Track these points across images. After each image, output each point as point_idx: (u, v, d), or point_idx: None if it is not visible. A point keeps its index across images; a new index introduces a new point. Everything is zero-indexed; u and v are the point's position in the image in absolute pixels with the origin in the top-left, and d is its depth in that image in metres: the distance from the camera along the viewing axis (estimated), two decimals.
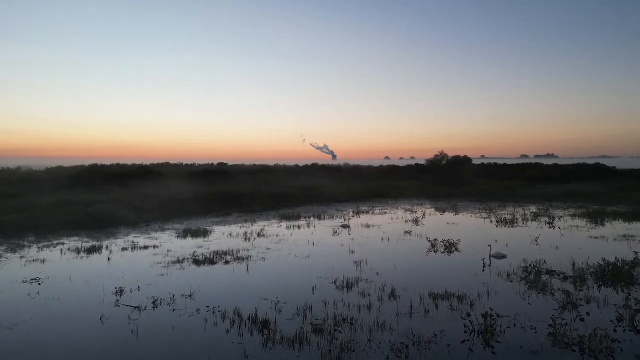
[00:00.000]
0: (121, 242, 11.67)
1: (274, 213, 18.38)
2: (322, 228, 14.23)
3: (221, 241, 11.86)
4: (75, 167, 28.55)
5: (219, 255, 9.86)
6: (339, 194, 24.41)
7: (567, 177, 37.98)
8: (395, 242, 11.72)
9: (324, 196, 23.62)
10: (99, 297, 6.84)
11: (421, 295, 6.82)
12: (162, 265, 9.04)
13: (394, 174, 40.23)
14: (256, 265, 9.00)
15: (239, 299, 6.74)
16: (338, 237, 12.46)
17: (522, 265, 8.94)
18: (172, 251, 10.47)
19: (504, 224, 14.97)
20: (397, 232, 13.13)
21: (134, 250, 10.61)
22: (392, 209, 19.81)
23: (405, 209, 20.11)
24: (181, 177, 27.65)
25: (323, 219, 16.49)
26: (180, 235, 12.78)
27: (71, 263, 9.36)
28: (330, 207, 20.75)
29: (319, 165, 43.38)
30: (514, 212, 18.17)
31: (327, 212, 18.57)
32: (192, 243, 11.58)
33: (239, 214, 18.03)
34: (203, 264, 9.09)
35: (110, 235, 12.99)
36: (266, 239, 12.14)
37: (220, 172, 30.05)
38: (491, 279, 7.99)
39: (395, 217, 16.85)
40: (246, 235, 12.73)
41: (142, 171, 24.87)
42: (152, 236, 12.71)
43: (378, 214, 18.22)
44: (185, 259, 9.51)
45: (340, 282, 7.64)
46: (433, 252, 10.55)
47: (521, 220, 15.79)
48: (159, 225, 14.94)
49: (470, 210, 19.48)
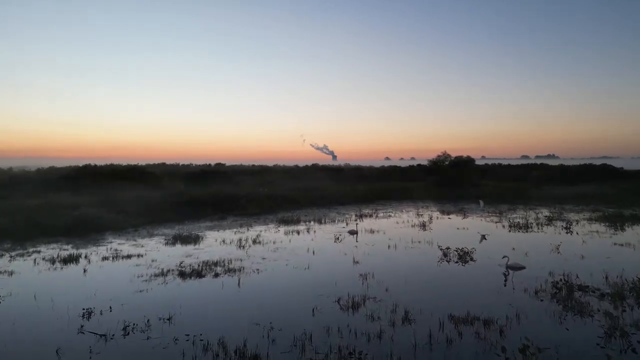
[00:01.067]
0: (103, 250, 10.67)
1: (272, 216, 17.37)
2: (323, 234, 13.22)
3: (213, 249, 10.85)
4: (66, 168, 27.57)
5: (208, 266, 8.85)
6: (340, 196, 23.41)
7: (574, 178, 36.96)
8: (403, 250, 10.70)
9: (324, 198, 22.61)
10: (63, 321, 5.83)
11: (440, 319, 5.80)
12: (143, 278, 8.02)
13: (397, 174, 39.22)
14: (249, 279, 7.99)
15: (226, 325, 5.73)
16: (340, 245, 11.44)
17: (547, 278, 7.93)
18: (156, 261, 9.46)
19: (518, 229, 13.96)
20: (404, 239, 12.11)
21: (115, 260, 9.60)
22: (396, 212, 18.80)
23: (411, 212, 19.09)
24: (176, 178, 26.65)
25: (324, 223, 15.48)
26: (169, 241, 11.77)
27: (42, 276, 8.36)
28: (331, 210, 19.74)
29: (319, 166, 42.41)
30: (525, 216, 17.16)
31: (328, 216, 17.57)
32: (180, 251, 10.56)
33: (234, 218, 17.02)
34: (189, 277, 8.07)
35: (93, 241, 11.98)
36: (262, 247, 11.13)
37: (218, 173, 29.03)
38: (517, 296, 6.98)
39: (400, 222, 15.84)
40: (240, 241, 11.72)
41: (135, 172, 23.91)
42: (138, 243, 11.71)
43: (382, 217, 17.20)
44: (169, 271, 8.50)
45: (345, 301, 6.63)
46: (445, 261, 9.55)
47: (535, 224, 14.77)
48: (147, 230, 13.93)
49: (478, 213, 18.47)
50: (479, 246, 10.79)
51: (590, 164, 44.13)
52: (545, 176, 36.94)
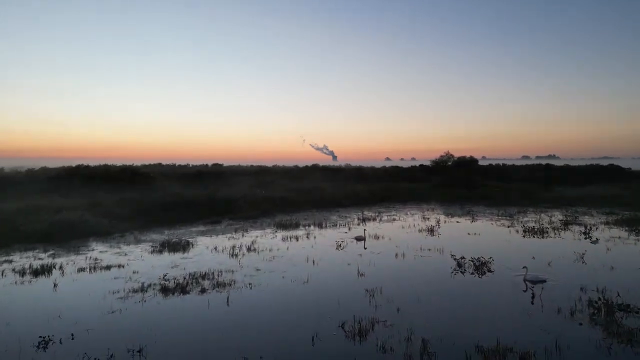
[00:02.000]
0: (81, 260, 9.68)
1: (270, 220, 16.39)
2: (324, 240, 12.24)
3: (202, 258, 9.87)
4: (56, 168, 26.61)
5: (195, 280, 7.87)
6: (342, 198, 22.44)
7: (581, 178, 35.97)
8: (412, 259, 9.72)
9: (325, 200, 21.63)
10: (11, 355, 4.86)
11: (466, 352, 4.82)
12: (118, 295, 7.05)
13: (399, 175, 38.24)
14: (239, 296, 7.01)
15: (208, 358, 4.75)
16: (343, 253, 10.46)
17: (580, 295, 6.95)
18: (138, 273, 8.48)
19: (533, 234, 12.98)
20: (412, 246, 11.13)
21: (92, 272, 8.62)
22: (401, 215, 17.82)
23: (416, 215, 18.11)
24: (171, 179, 25.68)
25: (324, 228, 14.50)
26: (156, 249, 10.79)
27: (5, 291, 7.38)
28: (332, 213, 18.76)
29: (319, 166, 41.45)
30: (538, 219, 16.18)
31: (328, 219, 16.58)
32: (166, 260, 9.58)
33: (229, 221, 16.05)
34: (171, 294, 7.09)
35: (73, 249, 11.00)
36: (257, 255, 10.15)
37: (214, 174, 28.04)
38: (550, 318, 6.01)
39: (406, 226, 14.85)
40: (234, 249, 10.74)
41: (128, 173, 22.94)
42: (122, 250, 10.73)
43: (386, 221, 16.22)
44: (150, 286, 7.52)
45: (350, 326, 5.65)
46: (460, 272, 8.59)
47: (551, 229, 13.79)
48: (135, 235, 12.95)
49: (487, 216, 17.49)
50: (496, 255, 9.81)
51: (598, 164, 43.17)
52: (551, 177, 35.94)
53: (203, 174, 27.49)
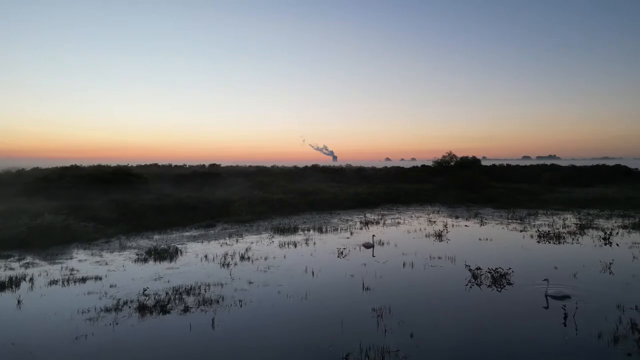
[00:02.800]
0: (56, 270, 8.77)
1: (267, 224, 15.47)
2: (325, 246, 11.32)
3: (190, 268, 8.95)
4: (46, 169, 25.70)
5: (179, 295, 6.96)
6: (343, 200, 21.52)
7: (588, 179, 35.07)
8: (422, 270, 8.80)
9: (325, 202, 20.71)
10: None
11: None
12: (88, 315, 6.13)
13: (401, 176, 37.33)
14: (227, 317, 6.09)
15: None
16: (346, 262, 9.54)
17: (619, 315, 6.05)
18: (116, 286, 7.57)
19: (549, 240, 12.07)
20: (420, 253, 10.22)
21: (65, 285, 7.71)
22: (406, 219, 16.90)
23: (421, 218, 17.19)
24: (166, 180, 24.77)
25: (325, 233, 13.58)
26: (141, 257, 9.87)
27: None
28: (333, 216, 17.85)
29: (319, 167, 40.57)
30: (551, 223, 15.26)
31: (329, 223, 15.67)
32: (150, 271, 8.66)
33: (224, 225, 15.13)
34: (149, 314, 6.18)
35: (50, 257, 10.09)
36: (251, 265, 9.23)
37: (211, 175, 27.11)
38: (589, 344, 5.10)
39: (412, 230, 13.93)
40: (226, 258, 9.82)
41: (120, 173, 22.01)
42: (104, 259, 9.81)
43: (390, 225, 15.30)
44: (127, 304, 6.60)
45: (356, 357, 4.74)
46: (476, 285, 7.69)
47: (567, 234, 12.88)
48: (121, 241, 12.03)
49: (496, 219, 16.58)
50: (513, 264, 8.89)
51: (603, 164, 42.26)
52: (557, 177, 35.02)
53: (199, 175, 26.56)
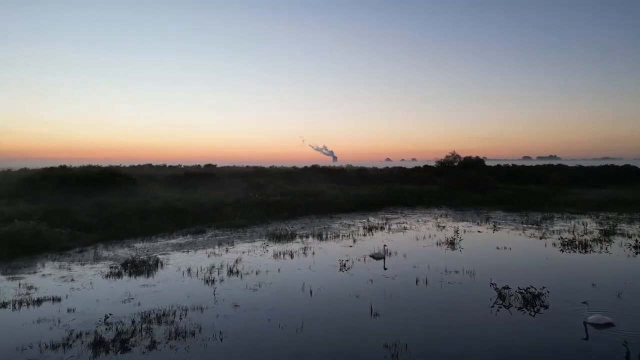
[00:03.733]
0: (11, 288, 7.51)
1: (262, 229, 14.22)
2: (325, 257, 10.08)
3: (169, 285, 7.71)
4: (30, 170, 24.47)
5: (147, 324, 5.70)
6: (344, 202, 20.27)
7: (598, 180, 33.80)
8: (439, 288, 7.55)
9: (325, 205, 19.46)
10: None
11: None
12: (27, 354, 4.88)
13: (403, 176, 36.09)
14: (202, 356, 4.84)
15: None
16: (349, 277, 8.29)
17: None
18: (75, 311, 6.32)
19: (573, 249, 10.84)
20: (434, 266, 8.97)
21: (14, 309, 6.45)
22: (412, 223, 15.65)
23: (429, 222, 15.94)
24: (157, 181, 23.52)
25: (325, 240, 12.34)
26: (114, 271, 8.61)
27: None
28: (334, 220, 16.60)
29: (319, 167, 39.35)
30: (572, 229, 14.02)
31: (330, 228, 14.42)
32: (121, 290, 7.41)
33: (215, 231, 13.88)
34: (106, 352, 4.92)
35: (11, 271, 8.84)
36: (239, 281, 7.98)
37: (205, 175, 25.85)
38: None
39: (421, 237, 12.68)
40: (211, 272, 8.57)
41: (107, 174, 20.77)
42: (71, 273, 8.56)
43: (396, 230, 14.05)
44: (81, 336, 5.34)
45: None
46: (504, 308, 6.48)
47: (592, 241, 11.64)
48: (97, 251, 10.79)
49: (510, 224, 15.33)
50: (542, 279, 7.66)
51: (612, 164, 41.02)
52: (565, 178, 33.75)
53: (192, 175, 25.30)
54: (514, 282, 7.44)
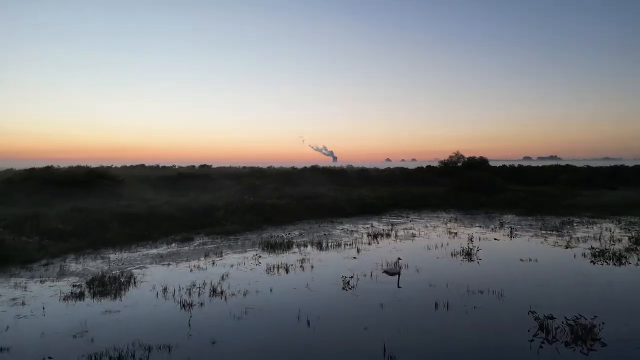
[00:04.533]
0: None
1: (255, 237, 12.90)
2: (325, 271, 8.76)
3: (136, 311, 6.38)
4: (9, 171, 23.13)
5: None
6: (345, 205, 18.96)
7: (609, 181, 32.47)
8: (464, 314, 6.22)
9: (325, 208, 18.15)
10: None
11: None
12: None
13: (407, 177, 34.78)
14: None
15: None
16: (354, 299, 6.96)
17: None
18: (10, 350, 4.99)
19: (606, 260, 9.54)
20: (453, 283, 7.64)
21: None
22: (420, 229, 14.33)
23: (439, 228, 14.62)
24: (148, 183, 22.18)
25: (326, 249, 11.02)
26: (76, 291, 7.28)
27: None
28: (335, 225, 15.28)
29: (319, 168, 38.03)
30: (597, 236, 12.71)
31: (330, 235, 13.10)
32: (75, 318, 6.07)
33: (204, 239, 12.56)
34: None
35: None
36: (223, 304, 6.66)
37: (198, 177, 24.49)
38: None
39: (432, 246, 11.36)
40: (191, 292, 7.24)
41: (93, 175, 19.42)
42: (26, 294, 7.22)
43: (404, 238, 12.73)
44: None
45: None
46: (548, 343, 5.17)
47: (625, 251, 10.34)
48: (64, 264, 9.44)
49: (527, 229, 14.03)
50: (587, 305, 6.36)
51: (622, 165, 39.70)
52: (576, 179, 32.44)
53: (185, 176, 23.95)
54: (551, 305, 6.17)
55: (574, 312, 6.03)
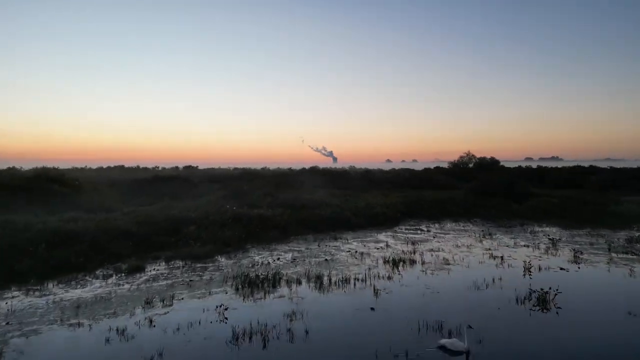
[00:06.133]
0: None
1: (231, 264, 9.49)
2: (328, 342, 5.32)
3: None
4: None
5: None
6: (350, 215, 15.54)
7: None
8: None
9: (326, 220, 14.71)
10: None
11: None
12: None
13: (414, 179, 31.27)
14: None
15: None
16: None
17: None
18: None
19: None
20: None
21: None
22: (451, 249, 10.89)
23: (474, 247, 11.18)
24: (116, 188, 18.71)
25: (328, 289, 7.57)
26: None
27: None
28: (339, 243, 11.86)
29: (319, 170, 34.62)
30: None
31: (334, 262, 9.67)
32: None
33: (159, 268, 9.14)
34: None
35: None
36: None
37: (177, 180, 20.98)
38: None
39: (479, 282, 7.89)
40: None
41: (43, 179, 15.85)
42: None
43: (434, 265, 9.27)
44: None
45: None
46: None
47: None
48: None
49: (590, 250, 10.64)
50: None
51: None
52: (607, 182, 28.94)
53: (161, 179, 20.45)
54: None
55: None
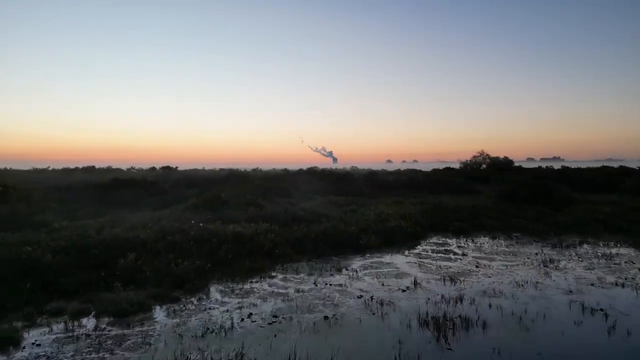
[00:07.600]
0: None
1: (170, 325, 5.81)
2: None
3: None
4: None
5: None
6: (357, 229, 11.90)
7: None
8: None
9: (326, 238, 11.05)
10: None
11: None
12: None
13: (426, 180, 27.60)
14: None
15: None
16: None
17: None
18: None
19: None
20: None
21: None
22: (510, 290, 7.21)
23: (543, 287, 7.49)
24: (53, 194, 15.00)
25: None
26: None
27: None
28: (344, 280, 8.18)
29: (317, 171, 30.97)
30: None
31: (339, 323, 5.99)
32: None
33: (48, 339, 5.47)
34: None
35: None
36: None
37: (142, 184, 17.20)
38: None
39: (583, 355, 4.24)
40: None
41: None
42: None
43: (503, 332, 5.60)
44: None
45: None
46: None
47: None
48: None
49: None
50: None
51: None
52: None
53: (122, 184, 16.67)
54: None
55: None
